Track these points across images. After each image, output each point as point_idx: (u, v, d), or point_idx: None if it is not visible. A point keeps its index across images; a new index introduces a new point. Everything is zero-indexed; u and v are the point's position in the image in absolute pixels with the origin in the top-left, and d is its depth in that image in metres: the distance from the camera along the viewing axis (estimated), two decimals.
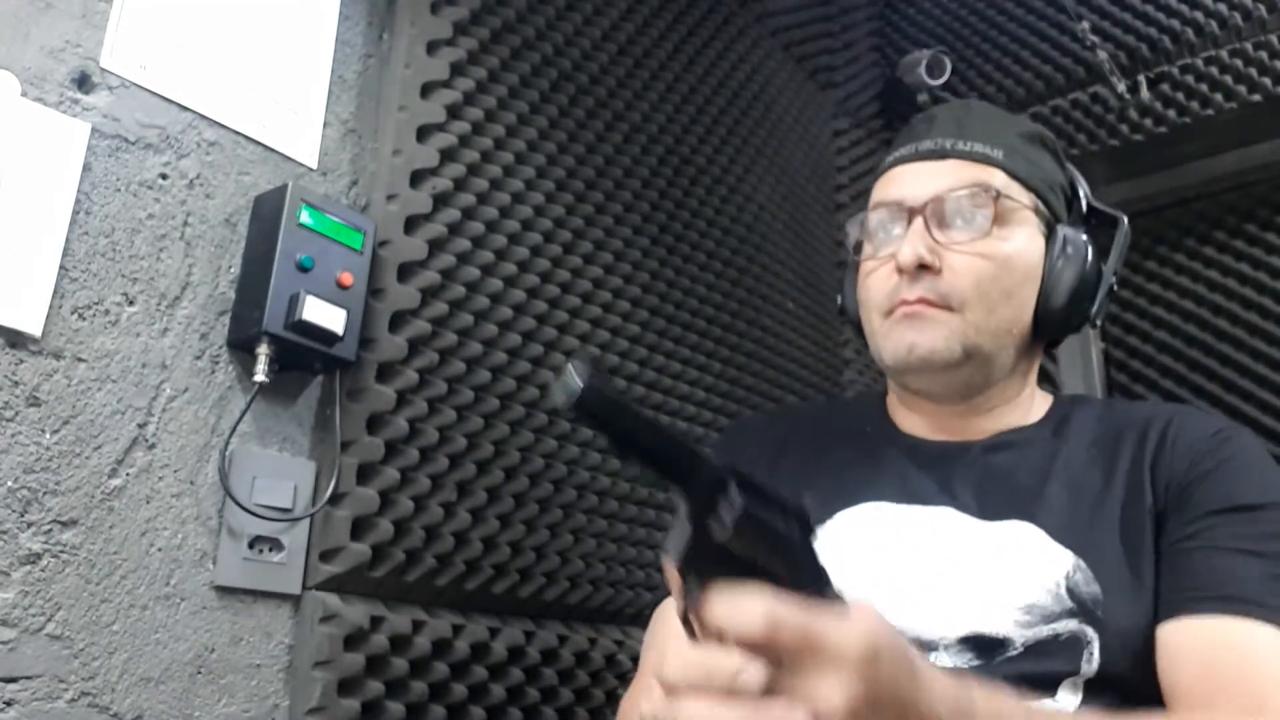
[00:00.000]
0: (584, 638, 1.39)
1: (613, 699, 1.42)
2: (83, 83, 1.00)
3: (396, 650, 1.14)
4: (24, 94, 0.94)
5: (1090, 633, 0.79)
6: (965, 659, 0.81)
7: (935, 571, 0.85)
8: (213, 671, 1.02)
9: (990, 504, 0.87)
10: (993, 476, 0.90)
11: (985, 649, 0.81)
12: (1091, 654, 0.79)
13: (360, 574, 1.12)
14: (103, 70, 1.01)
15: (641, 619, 1.52)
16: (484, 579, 1.25)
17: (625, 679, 1.45)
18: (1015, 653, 0.80)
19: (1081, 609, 0.80)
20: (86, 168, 0.98)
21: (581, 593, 1.39)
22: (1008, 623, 0.81)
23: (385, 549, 1.14)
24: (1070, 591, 0.81)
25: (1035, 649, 0.80)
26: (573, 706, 1.35)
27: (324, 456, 1.14)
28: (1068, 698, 0.79)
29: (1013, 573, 0.82)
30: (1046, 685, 0.79)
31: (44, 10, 0.97)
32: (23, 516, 0.90)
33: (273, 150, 1.15)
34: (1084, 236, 0.96)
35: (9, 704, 0.86)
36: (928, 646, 0.81)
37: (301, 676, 1.07)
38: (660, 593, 1.52)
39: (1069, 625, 0.80)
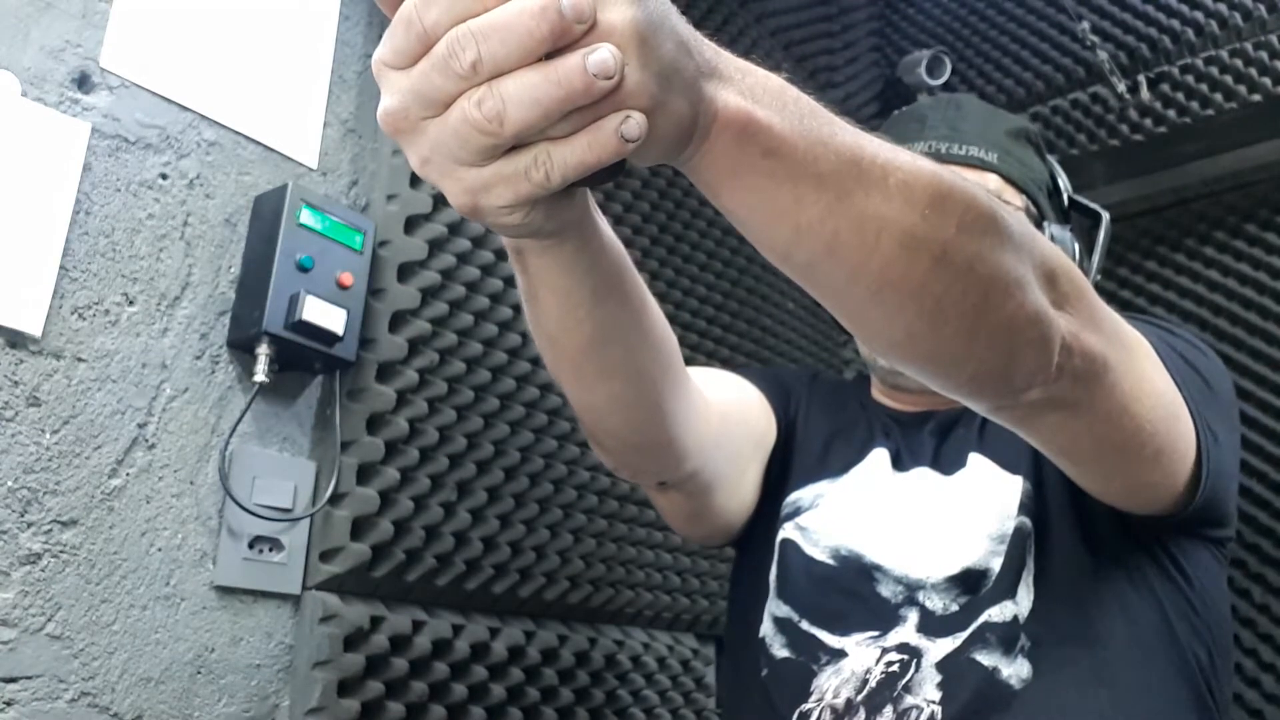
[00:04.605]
0: (584, 638, 1.39)
1: (613, 699, 1.42)
2: (83, 83, 1.00)
3: (396, 650, 1.14)
4: (24, 94, 0.94)
5: (1029, 524, 0.89)
6: (953, 595, 0.88)
7: (918, 522, 0.93)
8: (213, 671, 1.02)
9: (949, 457, 0.97)
10: (953, 433, 1.00)
11: (971, 584, 0.88)
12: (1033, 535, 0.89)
13: (360, 574, 1.12)
14: (103, 70, 1.01)
15: (641, 619, 1.52)
16: (484, 579, 1.25)
17: (625, 679, 1.45)
18: (991, 584, 0.87)
19: (1023, 507, 0.90)
20: (86, 168, 0.98)
21: (581, 593, 1.39)
22: (984, 553, 0.88)
23: (385, 549, 1.14)
24: (1021, 506, 0.90)
25: (1006, 568, 0.88)
26: (573, 706, 1.35)
27: (324, 456, 1.14)
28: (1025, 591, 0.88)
29: (978, 509, 0.91)
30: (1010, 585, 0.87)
31: (44, 10, 0.97)
32: (23, 516, 0.90)
33: (273, 150, 1.15)
34: (1070, 234, 1.00)
35: (9, 704, 0.87)
36: (916, 586, 0.90)
37: (301, 677, 1.07)
38: (660, 594, 1.53)
39: (1020, 521, 0.89)
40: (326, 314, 1.07)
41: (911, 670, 0.85)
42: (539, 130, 0.44)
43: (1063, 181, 1.06)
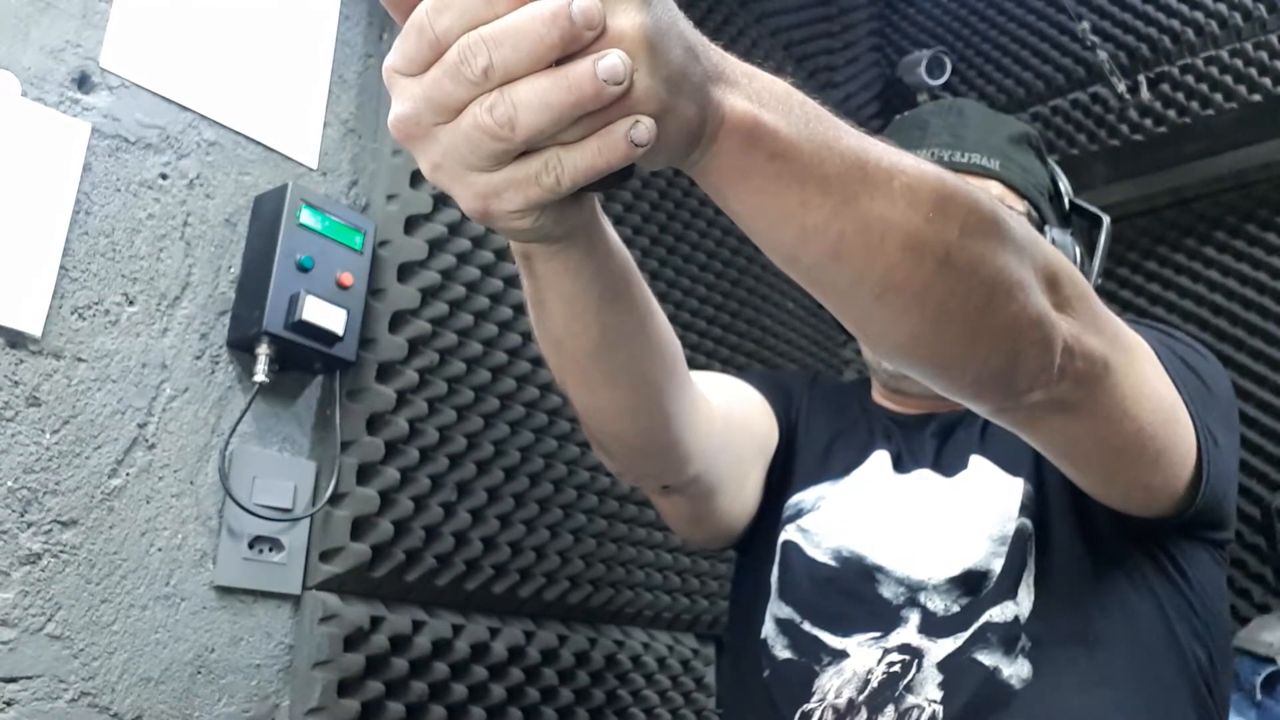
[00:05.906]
0: (584, 638, 1.39)
1: (613, 699, 1.42)
2: (83, 83, 1.00)
3: (396, 650, 1.14)
4: (24, 94, 0.94)
5: (1030, 526, 0.89)
6: (954, 596, 0.88)
7: (920, 524, 0.94)
8: (213, 671, 1.02)
9: (950, 459, 0.98)
10: (954, 436, 1.00)
11: (972, 585, 0.88)
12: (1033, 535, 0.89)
13: (360, 574, 1.12)
14: (103, 70, 1.01)
15: (641, 619, 1.52)
16: (484, 579, 1.25)
17: (625, 679, 1.45)
18: (992, 585, 0.87)
19: (1024, 509, 0.90)
20: (86, 168, 0.98)
21: (581, 593, 1.39)
22: (985, 554, 0.89)
23: (385, 549, 1.14)
24: (1022, 508, 0.90)
25: (1007, 569, 0.88)
26: (573, 706, 1.35)
27: (324, 456, 1.14)
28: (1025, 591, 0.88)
29: (979, 511, 0.91)
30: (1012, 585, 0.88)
31: (44, 10, 0.97)
32: (23, 516, 0.90)
33: (273, 150, 1.15)
34: (1071, 238, 1.00)
35: (9, 704, 0.87)
36: (917, 587, 0.90)
37: (301, 676, 1.07)
38: (660, 594, 1.53)
39: (1020, 522, 0.90)
40: (326, 314, 1.07)
41: (913, 670, 0.85)
42: (549, 135, 0.44)
43: (1064, 185, 1.07)
